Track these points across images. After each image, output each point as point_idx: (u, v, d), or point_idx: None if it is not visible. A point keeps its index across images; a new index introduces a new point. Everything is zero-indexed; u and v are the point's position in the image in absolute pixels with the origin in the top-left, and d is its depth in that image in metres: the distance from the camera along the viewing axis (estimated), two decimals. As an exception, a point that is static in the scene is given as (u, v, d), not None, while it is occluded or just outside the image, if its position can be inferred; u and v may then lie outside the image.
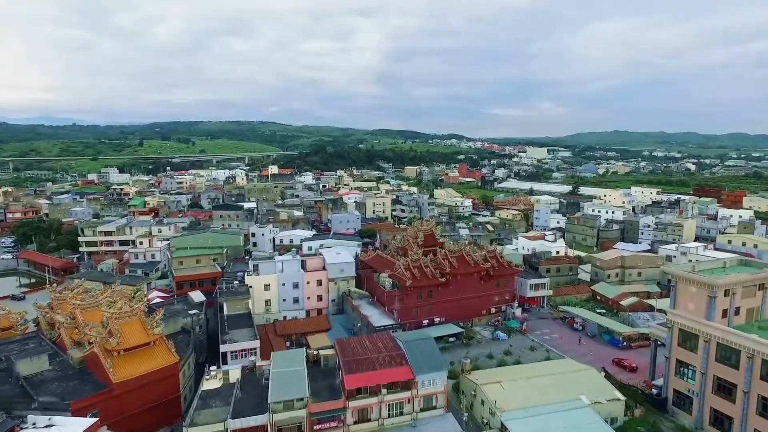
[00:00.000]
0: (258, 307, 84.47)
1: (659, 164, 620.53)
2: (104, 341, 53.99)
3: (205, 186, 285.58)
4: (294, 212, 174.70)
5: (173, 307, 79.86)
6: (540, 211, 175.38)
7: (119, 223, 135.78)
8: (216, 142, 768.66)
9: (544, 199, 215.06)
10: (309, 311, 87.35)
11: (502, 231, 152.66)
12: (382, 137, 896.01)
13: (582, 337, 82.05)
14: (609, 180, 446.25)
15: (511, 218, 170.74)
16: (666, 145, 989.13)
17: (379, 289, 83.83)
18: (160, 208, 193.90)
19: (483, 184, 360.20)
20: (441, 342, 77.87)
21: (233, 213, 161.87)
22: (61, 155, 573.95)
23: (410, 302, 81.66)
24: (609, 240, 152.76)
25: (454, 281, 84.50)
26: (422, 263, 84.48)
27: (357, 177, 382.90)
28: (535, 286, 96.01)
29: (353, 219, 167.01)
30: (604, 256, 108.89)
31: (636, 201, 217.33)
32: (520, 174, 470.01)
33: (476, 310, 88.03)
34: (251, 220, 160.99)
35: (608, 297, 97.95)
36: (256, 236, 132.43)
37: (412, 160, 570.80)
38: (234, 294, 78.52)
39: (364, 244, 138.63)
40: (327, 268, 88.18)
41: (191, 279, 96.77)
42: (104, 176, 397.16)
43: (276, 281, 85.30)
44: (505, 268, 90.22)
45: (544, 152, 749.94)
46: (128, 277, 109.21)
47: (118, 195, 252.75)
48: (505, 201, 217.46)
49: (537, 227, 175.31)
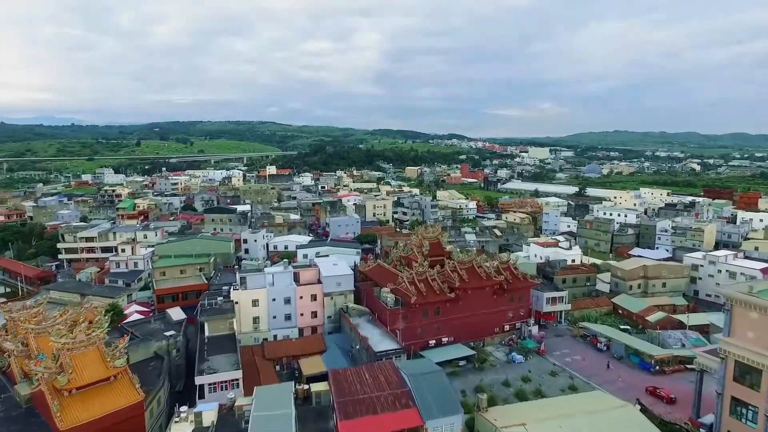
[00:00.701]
0: (245, 325, 75.71)
1: (663, 164, 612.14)
2: (52, 378, 45.17)
3: (200, 187, 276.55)
4: (290, 215, 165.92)
5: (149, 326, 71.05)
6: (549, 215, 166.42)
7: (102, 228, 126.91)
8: (215, 142, 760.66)
9: (552, 201, 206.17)
10: (302, 329, 78.52)
11: (510, 236, 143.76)
12: (382, 137, 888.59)
13: (609, 359, 73.06)
14: (614, 180, 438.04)
15: (519, 222, 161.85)
16: (667, 145, 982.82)
17: (380, 305, 74.97)
18: (150, 211, 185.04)
19: (486, 185, 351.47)
20: (450, 366, 69.17)
21: (225, 217, 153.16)
22: (57, 155, 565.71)
23: (415, 321, 72.83)
24: (624, 245, 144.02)
25: (464, 296, 75.66)
26: (428, 276, 75.65)
27: (357, 178, 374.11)
28: (552, 300, 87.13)
29: (352, 223, 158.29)
30: (625, 265, 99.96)
31: (647, 203, 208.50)
32: (523, 174, 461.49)
33: (488, 327, 79.22)
34: (244, 225, 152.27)
35: (632, 311, 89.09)
36: (248, 242, 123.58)
37: (412, 160, 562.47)
38: (217, 312, 69.62)
39: (364, 250, 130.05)
40: (322, 281, 79.32)
41: (173, 292, 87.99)
42: (99, 177, 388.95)
43: (265, 296, 76.47)
44: (520, 281, 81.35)
45: (546, 152, 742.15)
46: (107, 288, 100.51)
47: (109, 197, 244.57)
48: (511, 203, 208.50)
49: (546, 231, 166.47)
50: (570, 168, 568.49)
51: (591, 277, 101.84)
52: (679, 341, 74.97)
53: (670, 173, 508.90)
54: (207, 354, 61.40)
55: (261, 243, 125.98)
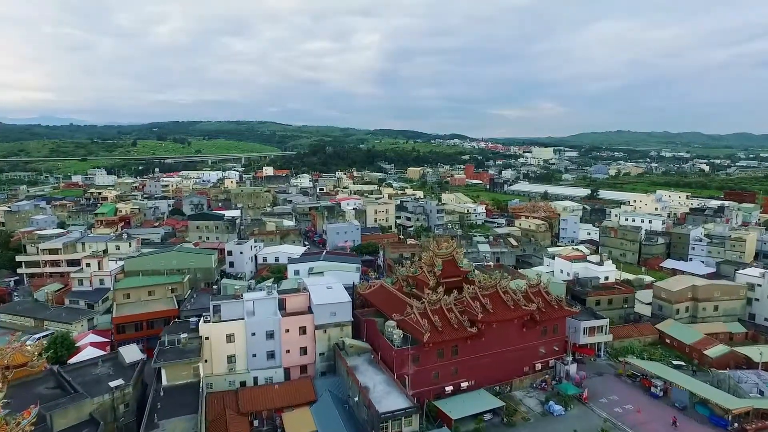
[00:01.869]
0: (218, 366, 61.29)
1: (670, 165, 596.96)
2: None
3: (192, 189, 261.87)
4: (284, 222, 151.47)
5: (93, 371, 56.55)
6: (567, 221, 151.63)
7: (69, 238, 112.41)
8: (213, 142, 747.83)
9: (567, 205, 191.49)
10: (289, 369, 64.07)
11: (527, 245, 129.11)
12: (383, 137, 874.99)
13: (672, 411, 58.37)
14: (622, 182, 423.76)
15: (535, 229, 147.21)
16: (671, 145, 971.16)
17: (384, 342, 60.49)
18: (133, 217, 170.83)
19: (492, 186, 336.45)
20: (473, 422, 54.69)
21: (212, 224, 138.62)
22: (50, 156, 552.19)
23: (428, 363, 58.38)
24: (653, 257, 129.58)
25: (488, 331, 61.19)
26: (444, 306, 61.18)
27: (357, 179, 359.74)
28: (590, 330, 72.63)
29: (352, 230, 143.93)
30: (671, 285, 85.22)
31: (668, 207, 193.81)
32: (528, 175, 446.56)
33: (516, 367, 64.76)
34: (233, 232, 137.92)
35: (684, 342, 74.58)
36: (233, 254, 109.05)
37: (414, 160, 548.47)
38: (177, 355, 55.19)
39: (364, 262, 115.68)
40: (314, 310, 64.86)
41: (136, 320, 73.56)
42: (90, 178, 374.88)
43: (243, 330, 62.01)
44: (555, 309, 66.84)
45: (551, 152, 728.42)
46: (65, 311, 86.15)
47: (94, 200, 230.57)
48: (522, 207, 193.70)
49: (564, 239, 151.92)
50: (576, 168, 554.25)
51: (629, 298, 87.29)
52: (755, 387, 60.40)
53: (679, 174, 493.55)
54: (159, 415, 47.01)
55: (248, 255, 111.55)
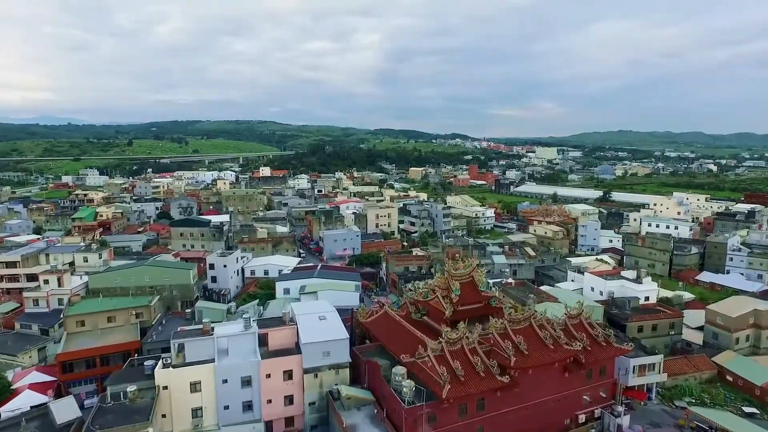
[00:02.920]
0: (180, 423, 48.43)
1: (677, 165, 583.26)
2: None
3: (184, 191, 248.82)
4: (277, 228, 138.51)
5: (12, 437, 43.63)
6: (587, 227, 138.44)
7: (29, 249, 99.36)
8: (211, 141, 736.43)
9: (583, 209, 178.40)
10: (271, 423, 51.21)
11: (546, 256, 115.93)
12: (383, 137, 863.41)
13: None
14: (631, 182, 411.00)
15: (551, 236, 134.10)
16: (674, 145, 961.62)
17: (390, 393, 47.49)
18: (114, 221, 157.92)
19: (497, 187, 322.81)
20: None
21: (197, 230, 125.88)
22: (44, 156, 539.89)
23: (448, 422, 45.43)
24: (686, 268, 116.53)
25: (522, 378, 48.21)
26: (466, 346, 48.21)
27: (357, 180, 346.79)
28: (641, 368, 59.56)
29: (351, 237, 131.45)
30: (729, 309, 71.92)
31: (690, 210, 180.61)
32: (534, 176, 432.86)
33: (555, 421, 51.81)
34: (220, 240, 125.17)
35: (754, 383, 61.56)
36: (216, 268, 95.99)
37: (416, 160, 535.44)
38: (121, 418, 42.19)
39: (365, 275, 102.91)
40: (302, 349, 51.95)
41: (86, 356, 60.47)
42: (82, 179, 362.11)
43: (212, 376, 49.13)
44: (603, 347, 53.76)
45: (554, 152, 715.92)
46: (13, 338, 73.55)
47: (79, 202, 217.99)
48: (534, 211, 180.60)
49: (583, 248, 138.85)
50: (581, 169, 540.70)
51: (676, 323, 74.26)
52: None
53: (688, 174, 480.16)
54: None
55: (234, 268, 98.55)
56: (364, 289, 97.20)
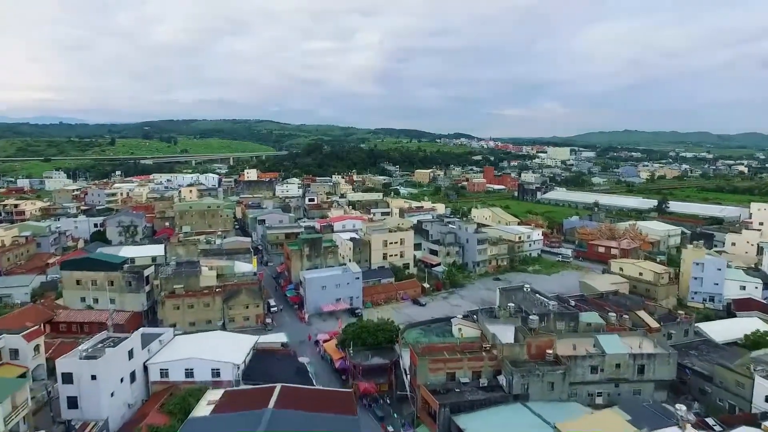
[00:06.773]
0: None
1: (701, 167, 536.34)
2: None
3: (145, 199, 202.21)
4: (236, 265, 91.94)
5: None
6: (705, 267, 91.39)
7: None
8: (203, 141, 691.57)
9: (659, 228, 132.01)
10: None
11: (671, 325, 69.52)
12: (385, 136, 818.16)
13: None
14: (663, 186, 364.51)
15: (653, 280, 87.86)
16: (683, 145, 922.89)
17: None
18: (14, 249, 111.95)
19: (521, 193, 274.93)
20: None
21: (102, 276, 79.67)
22: (16, 155, 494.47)
23: None
24: None
25: None
26: None
27: (358, 184, 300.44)
28: None
29: (348, 281, 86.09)
30: None
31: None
32: (555, 179, 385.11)
33: None
34: (139, 291, 79.38)
35: None
36: (78, 381, 49.30)
37: (421, 161, 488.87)
38: None
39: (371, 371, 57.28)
40: None
41: None
42: (43, 183, 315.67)
43: None
44: None
45: (567, 152, 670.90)
46: None
47: (6, 215, 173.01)
48: (595, 232, 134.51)
49: (695, 296, 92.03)
50: (602, 171, 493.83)
51: None
52: None
53: (722, 177, 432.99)
54: None
55: (120, 371, 52.15)
56: (369, 404, 51.76)
